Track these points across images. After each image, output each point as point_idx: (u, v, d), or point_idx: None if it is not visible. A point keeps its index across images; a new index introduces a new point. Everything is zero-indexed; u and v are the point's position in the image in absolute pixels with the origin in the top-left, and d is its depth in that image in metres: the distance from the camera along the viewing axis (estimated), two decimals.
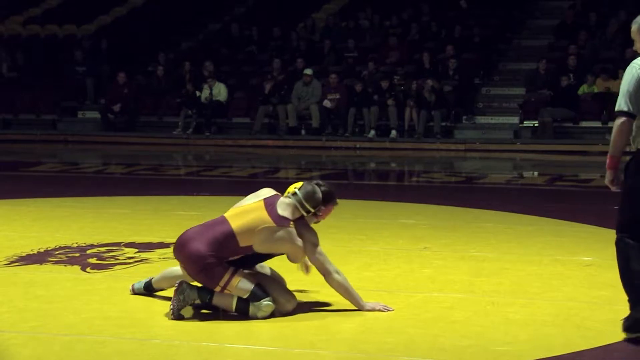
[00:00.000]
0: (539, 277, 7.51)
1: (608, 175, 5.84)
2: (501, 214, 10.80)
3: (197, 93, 21.67)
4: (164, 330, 5.99)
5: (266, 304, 6.22)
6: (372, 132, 20.70)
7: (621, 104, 5.77)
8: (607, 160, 5.81)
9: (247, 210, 6.38)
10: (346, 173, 17.53)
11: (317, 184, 6.64)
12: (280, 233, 6.28)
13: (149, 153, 19.94)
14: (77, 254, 8.22)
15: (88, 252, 8.33)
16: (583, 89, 20.45)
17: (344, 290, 6.40)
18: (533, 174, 17.22)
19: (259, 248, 6.27)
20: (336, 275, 6.38)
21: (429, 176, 16.47)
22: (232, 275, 6.22)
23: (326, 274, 6.39)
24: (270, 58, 22.87)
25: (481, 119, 21.38)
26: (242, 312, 6.23)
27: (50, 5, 27.58)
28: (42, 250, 8.39)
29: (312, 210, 6.46)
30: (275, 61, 22.35)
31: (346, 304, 6.51)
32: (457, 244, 8.91)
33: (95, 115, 22.80)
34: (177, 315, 6.16)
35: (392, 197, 12.80)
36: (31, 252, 8.28)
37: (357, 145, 20.61)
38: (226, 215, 6.42)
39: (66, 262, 7.92)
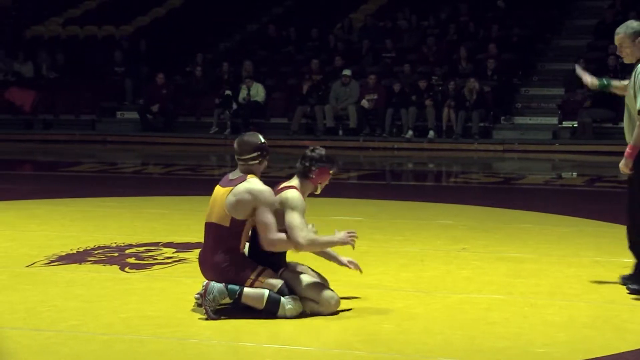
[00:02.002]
0: (577, 279, 7.46)
1: (628, 163, 6.79)
2: (540, 215, 10.74)
3: (229, 93, 21.72)
4: (201, 330, 6.01)
5: (295, 301, 6.21)
6: (410, 132, 20.66)
7: None
8: (630, 151, 6.81)
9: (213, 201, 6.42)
10: (384, 174, 17.50)
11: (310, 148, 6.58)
12: (237, 189, 6.29)
13: (187, 153, 20.03)
14: (116, 254, 8.28)
15: (127, 251, 8.38)
16: None
17: (286, 245, 6.31)
18: (572, 174, 17.10)
19: (238, 215, 6.24)
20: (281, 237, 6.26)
21: (467, 177, 16.41)
22: (259, 275, 6.26)
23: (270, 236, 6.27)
24: (308, 58, 22.89)
25: (519, 120, 21.27)
26: (272, 307, 6.20)
27: (90, 7, 27.78)
28: (81, 249, 8.45)
29: (255, 155, 6.33)
30: (313, 62, 22.38)
31: (384, 305, 6.51)
32: (495, 245, 8.87)
33: (134, 115, 22.94)
34: (212, 316, 6.18)
35: (430, 198, 12.76)
36: (70, 252, 8.34)
37: (395, 146, 20.58)
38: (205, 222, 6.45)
39: (105, 261, 7.97)
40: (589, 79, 7.40)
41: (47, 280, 7.36)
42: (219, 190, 6.44)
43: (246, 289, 6.25)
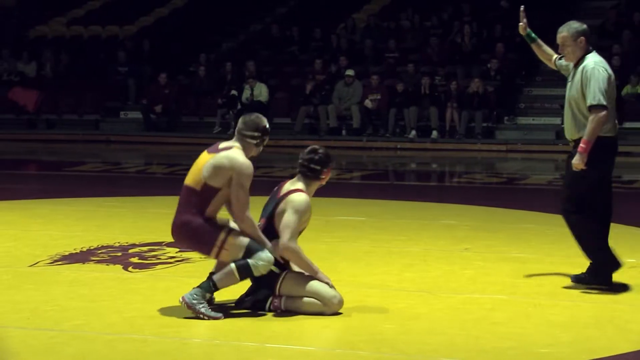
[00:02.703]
0: None
1: (583, 158, 6.94)
2: (543, 216, 10.73)
3: (235, 93, 21.73)
4: (205, 330, 6.02)
5: (265, 255, 6.22)
6: (413, 132, 20.66)
7: (601, 99, 6.92)
8: (585, 146, 6.96)
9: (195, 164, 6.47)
10: (387, 174, 17.50)
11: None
12: (218, 154, 6.35)
13: (190, 153, 19.93)
14: (119, 254, 8.28)
15: (130, 251, 8.38)
16: (626, 89, 20.28)
17: (252, 230, 6.29)
18: None
19: (212, 181, 6.28)
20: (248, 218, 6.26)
21: (470, 177, 16.41)
22: (228, 234, 6.29)
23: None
24: (311, 59, 22.89)
25: (523, 120, 21.26)
26: (246, 273, 6.21)
27: (93, 7, 27.80)
28: (84, 249, 8.46)
29: (257, 134, 6.39)
30: (316, 62, 22.38)
31: (387, 305, 6.51)
32: (499, 245, 8.86)
33: (137, 115, 22.95)
34: (215, 316, 6.17)
35: (433, 198, 12.76)
36: (74, 252, 8.35)
37: (398, 146, 20.58)
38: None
39: (108, 261, 7.97)
40: (523, 23, 7.58)
41: (51, 279, 7.37)
42: (204, 155, 6.47)
43: (215, 276, 6.26)
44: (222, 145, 6.48)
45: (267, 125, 6.51)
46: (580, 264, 8.00)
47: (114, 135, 22.55)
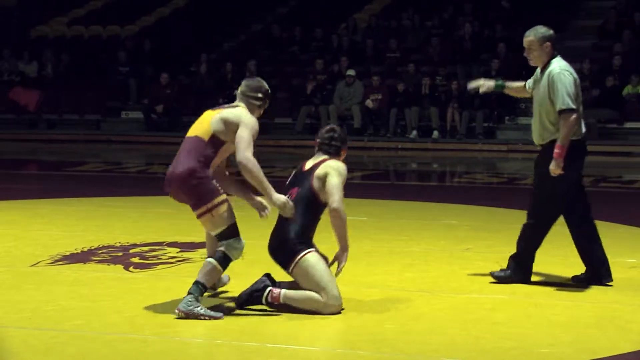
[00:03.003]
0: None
1: (559, 163, 7.03)
2: None
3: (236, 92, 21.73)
4: (206, 330, 6.02)
5: (239, 244, 6.38)
6: (414, 132, 20.67)
7: (569, 103, 7.01)
8: (559, 151, 7.05)
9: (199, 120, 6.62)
10: (388, 174, 17.50)
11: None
12: (225, 110, 6.55)
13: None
14: (120, 254, 8.29)
15: (131, 251, 8.39)
16: (627, 89, 20.27)
17: (256, 170, 6.48)
18: None
19: (220, 133, 6.46)
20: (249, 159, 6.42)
21: (471, 177, 16.41)
22: (223, 202, 6.39)
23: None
24: (312, 59, 22.89)
25: (524, 120, 21.22)
26: (225, 262, 6.33)
27: (94, 7, 27.81)
28: (85, 249, 8.46)
29: (260, 96, 6.59)
30: (317, 62, 22.38)
31: (388, 305, 6.51)
32: (500, 245, 8.86)
33: (139, 115, 22.96)
34: (218, 315, 6.18)
35: (434, 198, 12.76)
36: (75, 252, 8.35)
37: (399, 146, 20.58)
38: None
39: (109, 261, 7.98)
40: (482, 83, 7.59)
41: (52, 279, 7.37)
42: (208, 113, 6.62)
43: (199, 278, 6.28)
44: (227, 106, 6.66)
45: (268, 88, 6.69)
46: (580, 264, 8.01)
47: (115, 135, 22.56)
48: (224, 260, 6.35)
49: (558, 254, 8.47)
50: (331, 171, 6.51)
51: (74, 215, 10.61)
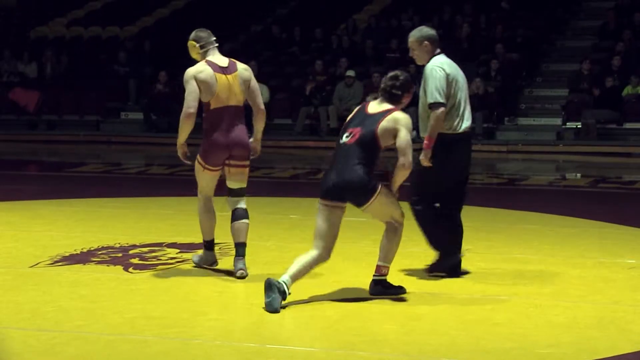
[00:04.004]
0: (582, 280, 7.46)
1: (427, 154, 7.46)
2: (544, 216, 10.73)
3: None
4: (206, 331, 6.02)
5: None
6: (414, 132, 20.64)
7: (437, 97, 7.53)
8: (427, 142, 7.50)
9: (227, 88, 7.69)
10: (387, 174, 17.48)
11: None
12: (239, 72, 7.80)
13: (191, 154, 20.00)
14: (120, 254, 8.28)
15: (130, 252, 8.39)
16: (627, 90, 20.27)
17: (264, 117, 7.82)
18: (576, 175, 17.09)
19: (245, 96, 7.72)
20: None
21: (471, 178, 16.34)
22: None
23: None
24: (312, 59, 22.89)
25: (523, 120, 21.26)
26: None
27: (94, 7, 27.82)
28: (85, 250, 8.46)
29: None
30: (317, 63, 22.38)
31: (388, 305, 6.51)
32: (500, 246, 8.87)
33: (138, 116, 22.96)
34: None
35: None
36: (74, 252, 8.35)
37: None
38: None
39: (109, 262, 7.97)
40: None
41: (52, 280, 7.37)
42: (224, 78, 7.60)
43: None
44: (222, 64, 7.69)
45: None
46: (582, 264, 8.01)
47: (115, 136, 22.56)
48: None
49: (559, 254, 8.48)
50: (401, 128, 6.86)
51: (73, 216, 10.61)
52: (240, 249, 7.43)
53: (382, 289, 6.78)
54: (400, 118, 6.89)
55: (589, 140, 19.81)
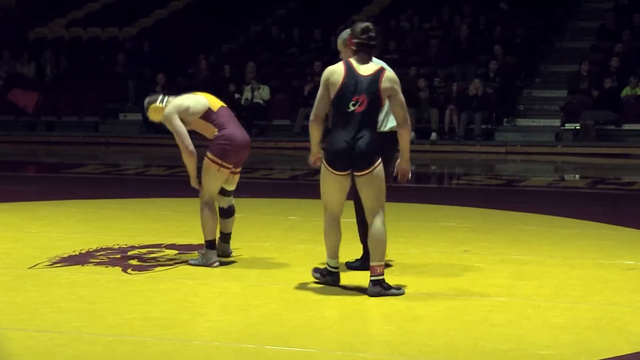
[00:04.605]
0: (581, 281, 7.46)
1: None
2: (542, 217, 10.73)
3: (237, 95, 21.74)
4: (205, 332, 6.02)
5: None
6: (412, 134, 20.65)
7: None
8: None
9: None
10: (386, 176, 17.46)
11: None
12: None
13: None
14: (119, 256, 8.28)
15: (129, 253, 8.38)
16: (626, 91, 20.29)
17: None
18: (574, 176, 17.10)
19: None
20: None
21: (470, 179, 16.41)
22: None
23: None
24: (311, 60, 22.89)
25: (522, 122, 21.27)
26: None
27: (93, 8, 27.82)
28: (84, 251, 8.46)
29: None
30: (316, 64, 22.38)
31: (387, 307, 6.52)
32: (498, 247, 8.87)
33: (137, 117, 22.95)
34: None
35: (432, 200, 12.76)
36: (73, 253, 8.35)
37: (397, 148, 20.55)
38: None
39: (107, 263, 7.97)
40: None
41: (50, 281, 7.37)
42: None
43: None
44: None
45: None
46: (581, 265, 8.02)
47: (114, 137, 22.56)
48: None
49: (558, 255, 8.48)
50: (396, 87, 6.92)
51: (72, 217, 10.61)
52: (229, 237, 8.03)
53: (381, 289, 6.78)
54: (394, 77, 6.97)
55: (588, 141, 19.83)
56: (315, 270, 7.18)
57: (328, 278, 7.04)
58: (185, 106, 7.84)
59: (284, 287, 7.08)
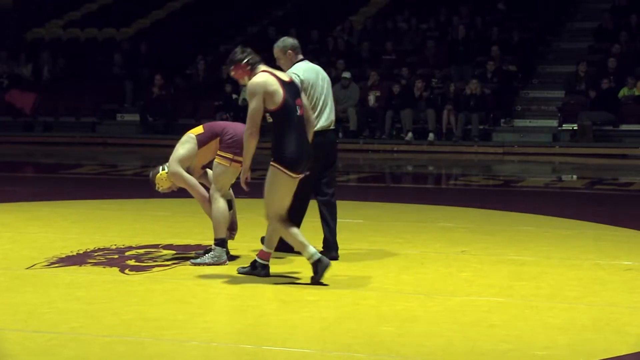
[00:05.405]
0: (578, 282, 7.46)
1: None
2: (540, 218, 10.74)
3: (234, 96, 21.73)
4: (202, 332, 6.01)
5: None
6: (410, 134, 20.67)
7: None
8: None
9: None
10: (384, 176, 17.50)
11: None
12: None
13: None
14: (116, 256, 8.28)
15: (127, 253, 8.38)
16: (623, 91, 20.30)
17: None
18: (572, 177, 17.10)
19: None
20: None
21: (467, 179, 16.41)
22: None
23: None
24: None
25: (519, 122, 21.28)
26: None
27: (90, 9, 27.81)
28: (81, 251, 8.45)
29: None
30: None
31: (384, 307, 6.52)
32: (496, 248, 8.87)
33: (134, 117, 22.95)
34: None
35: (430, 201, 12.77)
36: (70, 254, 8.34)
37: (395, 148, 20.58)
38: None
39: (105, 263, 7.97)
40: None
41: (48, 282, 7.36)
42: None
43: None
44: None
45: None
46: (578, 266, 8.02)
47: (111, 138, 22.56)
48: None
49: (556, 256, 8.48)
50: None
51: (70, 217, 10.60)
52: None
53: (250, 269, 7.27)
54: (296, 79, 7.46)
55: (585, 142, 19.83)
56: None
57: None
58: (181, 154, 7.87)
59: (282, 288, 7.08)
